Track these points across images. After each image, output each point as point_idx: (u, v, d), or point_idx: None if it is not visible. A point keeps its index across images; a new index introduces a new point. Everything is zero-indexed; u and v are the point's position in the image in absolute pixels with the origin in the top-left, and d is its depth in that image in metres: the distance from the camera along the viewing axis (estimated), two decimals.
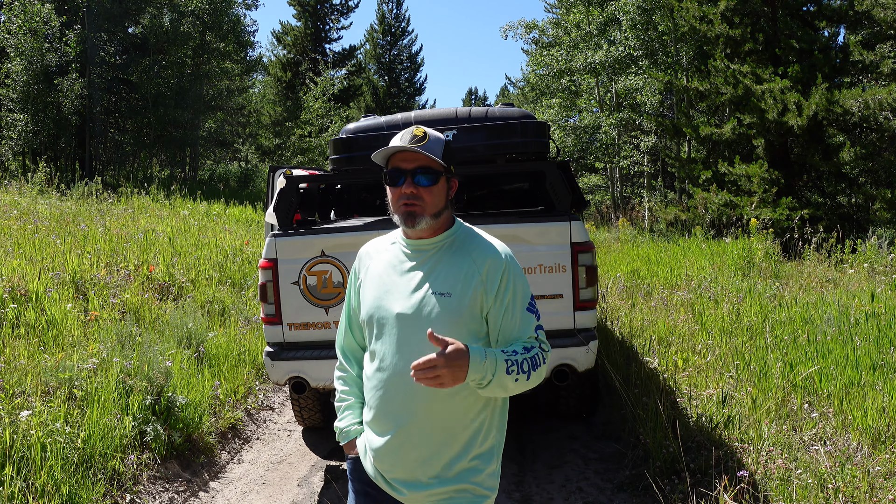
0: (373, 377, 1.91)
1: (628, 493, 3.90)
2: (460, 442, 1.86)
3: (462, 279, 1.85)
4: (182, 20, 23.99)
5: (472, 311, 1.85)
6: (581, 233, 3.96)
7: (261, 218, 14.49)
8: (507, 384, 1.76)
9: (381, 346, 1.89)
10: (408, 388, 1.81)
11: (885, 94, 12.46)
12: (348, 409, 2.04)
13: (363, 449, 1.97)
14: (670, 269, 9.49)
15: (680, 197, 21.06)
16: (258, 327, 6.80)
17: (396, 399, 1.85)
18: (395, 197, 1.89)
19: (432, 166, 1.85)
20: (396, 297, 1.88)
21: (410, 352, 1.80)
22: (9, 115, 18.84)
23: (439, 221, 1.90)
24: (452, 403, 1.84)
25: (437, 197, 1.87)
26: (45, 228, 8.06)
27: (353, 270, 2.07)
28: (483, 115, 4.61)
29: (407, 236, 1.94)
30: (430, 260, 1.89)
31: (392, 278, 1.92)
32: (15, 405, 3.72)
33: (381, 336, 1.89)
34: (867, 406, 4.07)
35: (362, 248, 2.09)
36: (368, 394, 1.94)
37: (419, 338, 1.79)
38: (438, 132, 1.92)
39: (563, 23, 25.19)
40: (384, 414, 1.88)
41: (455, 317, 1.82)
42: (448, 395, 1.82)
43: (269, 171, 5.51)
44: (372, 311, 1.92)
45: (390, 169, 1.90)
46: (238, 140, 35.75)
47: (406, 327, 1.84)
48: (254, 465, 4.69)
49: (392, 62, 43.86)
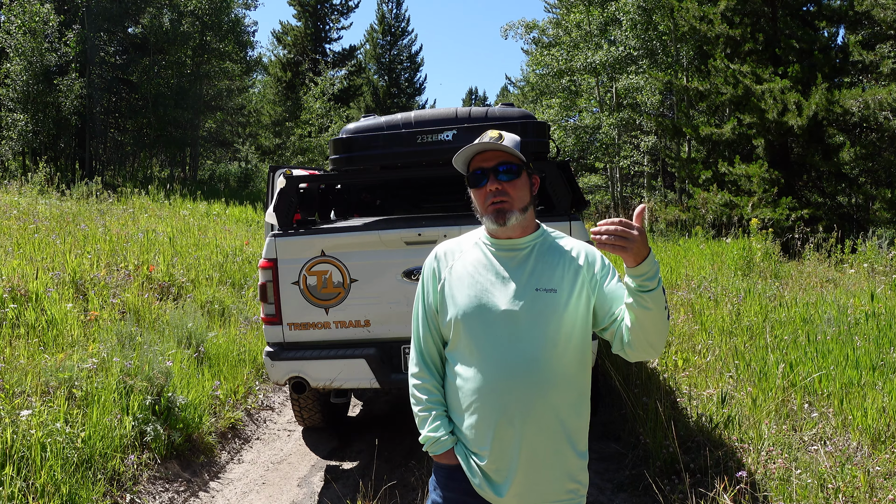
0: (474, 379, 1.87)
1: (628, 493, 3.90)
2: (572, 436, 1.90)
3: (566, 274, 1.86)
4: (182, 20, 24.00)
5: (579, 305, 1.86)
6: (581, 233, 3.96)
7: (261, 218, 14.49)
8: (663, 300, 1.71)
9: (484, 347, 1.86)
10: (523, 383, 1.82)
11: (885, 94, 12.47)
12: (438, 419, 1.97)
13: (464, 456, 1.93)
14: (670, 269, 9.49)
15: (680, 197, 21.06)
16: (258, 327, 6.80)
17: (509, 395, 1.83)
18: (481, 198, 1.89)
19: (512, 161, 1.86)
20: (500, 295, 1.86)
21: (521, 349, 1.82)
22: (9, 115, 18.84)
23: (527, 218, 1.91)
24: (566, 394, 1.86)
25: (522, 191, 1.88)
26: (45, 228, 8.07)
27: (432, 271, 2.01)
28: (483, 115, 4.61)
29: (496, 236, 1.93)
30: (527, 259, 1.89)
31: (488, 277, 1.90)
32: (15, 405, 3.72)
33: (483, 334, 1.86)
34: (867, 406, 4.07)
35: (438, 248, 2.04)
36: (468, 397, 1.89)
37: (528, 335, 1.82)
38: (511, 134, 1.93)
39: (564, 23, 25.20)
40: (493, 417, 1.84)
41: (563, 311, 1.83)
42: (561, 385, 1.84)
43: (269, 171, 5.51)
44: (468, 310, 1.88)
45: (472, 171, 1.91)
46: (238, 140, 35.75)
47: (513, 324, 1.83)
48: (254, 465, 4.69)
49: (392, 62, 43.87)
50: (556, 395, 1.84)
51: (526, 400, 1.82)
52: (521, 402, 1.82)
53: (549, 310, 1.83)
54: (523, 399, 1.82)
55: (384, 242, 3.98)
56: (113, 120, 25.06)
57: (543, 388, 1.82)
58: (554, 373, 1.83)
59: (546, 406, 1.83)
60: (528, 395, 1.82)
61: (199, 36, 24.92)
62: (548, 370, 1.83)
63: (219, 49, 26.00)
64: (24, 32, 18.46)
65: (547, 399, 1.83)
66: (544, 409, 1.83)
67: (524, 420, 1.82)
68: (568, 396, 1.87)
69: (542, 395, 1.83)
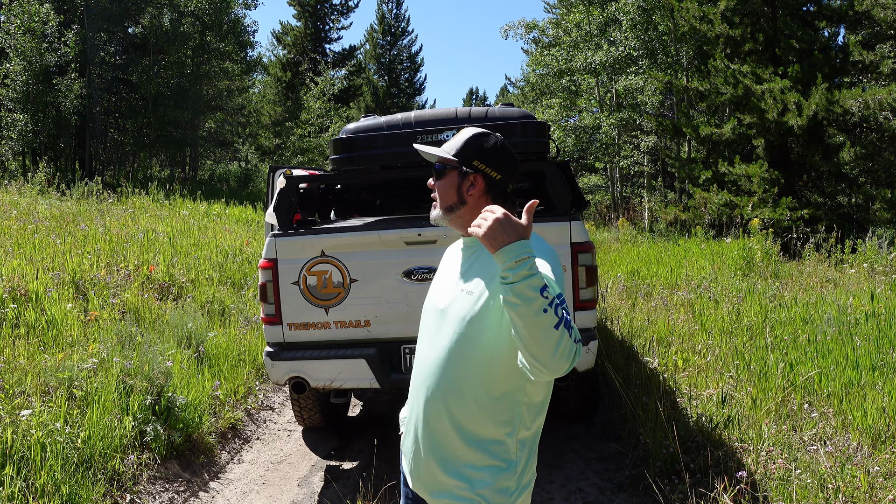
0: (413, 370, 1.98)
1: (628, 493, 3.90)
2: (471, 452, 1.77)
3: (487, 278, 1.77)
4: (182, 20, 23.98)
5: (487, 312, 1.73)
6: (581, 233, 3.96)
7: (261, 218, 14.49)
8: (532, 301, 1.50)
9: (419, 339, 1.94)
10: (424, 388, 1.84)
11: (885, 94, 12.46)
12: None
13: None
14: (670, 269, 9.50)
15: (680, 197, 21.06)
16: (258, 327, 6.80)
17: (416, 397, 1.89)
18: None
19: (442, 161, 1.90)
20: (441, 292, 1.91)
21: (428, 351, 1.85)
22: (8, 115, 18.84)
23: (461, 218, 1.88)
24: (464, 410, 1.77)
25: (447, 190, 1.89)
26: (45, 228, 8.07)
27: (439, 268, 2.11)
28: (483, 115, 4.61)
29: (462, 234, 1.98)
30: (470, 258, 1.89)
31: (444, 273, 1.96)
32: (15, 405, 3.72)
33: (421, 329, 1.94)
34: (867, 406, 4.07)
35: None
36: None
37: (438, 337, 1.82)
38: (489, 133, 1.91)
39: (564, 23, 25.21)
40: (410, 409, 1.93)
41: (470, 316, 1.75)
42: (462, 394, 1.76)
43: (269, 171, 5.51)
44: (425, 304, 1.97)
45: None
46: (238, 140, 35.74)
47: (434, 325, 1.86)
48: (254, 465, 4.69)
49: (392, 62, 43.86)
50: (454, 402, 1.78)
51: (427, 400, 1.84)
52: (424, 401, 1.85)
53: (461, 311, 1.78)
54: (425, 399, 1.84)
55: (384, 242, 3.98)
56: (113, 120, 25.04)
57: (440, 392, 1.80)
58: (451, 379, 1.77)
59: (440, 411, 1.80)
60: (429, 396, 1.83)
61: (199, 36, 24.90)
62: (447, 374, 1.78)
63: (219, 49, 25.98)
64: (23, 32, 18.45)
65: (442, 404, 1.80)
66: (439, 413, 1.80)
67: (423, 420, 1.84)
68: (470, 408, 1.76)
69: (438, 399, 1.81)
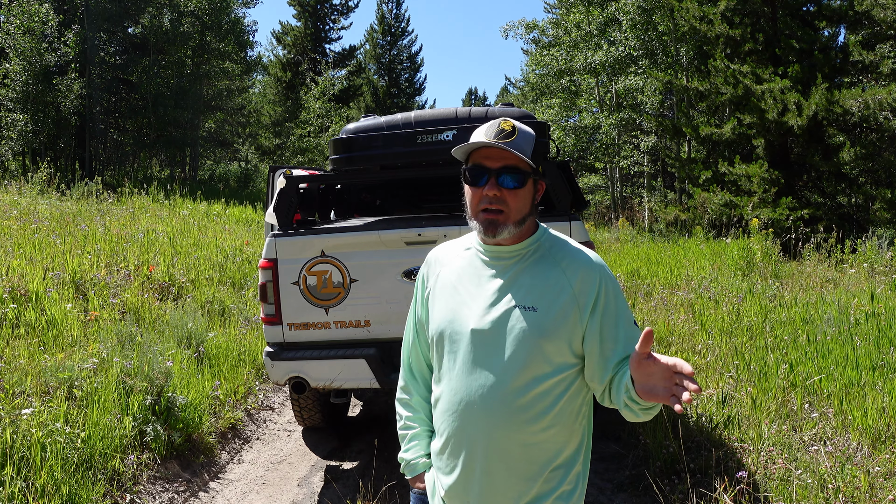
0: (443, 401, 1.70)
1: (628, 493, 3.90)
2: (545, 477, 1.64)
3: (550, 292, 1.62)
4: (182, 20, 24.00)
5: (560, 329, 1.61)
6: (581, 233, 3.96)
7: (261, 218, 14.49)
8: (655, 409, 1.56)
9: (454, 366, 1.67)
10: (485, 415, 1.61)
11: (885, 94, 12.47)
12: (414, 440, 1.83)
13: (431, 484, 1.78)
14: (670, 270, 9.50)
15: (680, 197, 21.07)
16: (258, 327, 6.80)
17: (471, 427, 1.63)
18: (475, 199, 1.64)
19: (520, 166, 1.62)
20: (472, 311, 1.66)
21: (485, 374, 1.61)
22: (8, 115, 18.84)
23: (523, 229, 1.67)
24: (537, 433, 1.63)
25: (523, 201, 1.64)
26: (45, 228, 8.06)
27: (421, 277, 1.85)
28: (483, 115, 4.61)
29: (485, 241, 1.71)
30: (512, 269, 1.67)
31: (467, 289, 1.70)
32: (15, 405, 3.72)
33: (453, 354, 1.67)
34: (867, 406, 4.07)
35: (432, 252, 1.86)
36: (438, 420, 1.72)
37: (496, 358, 1.61)
38: (527, 127, 1.67)
39: (563, 23, 25.22)
40: (458, 444, 1.66)
41: (542, 335, 1.59)
42: (531, 424, 1.62)
43: (269, 171, 5.51)
44: (443, 326, 1.70)
45: (471, 165, 1.64)
46: (238, 140, 35.74)
47: (482, 345, 1.63)
48: (254, 465, 4.69)
49: (392, 62, 43.86)
50: (528, 427, 1.61)
51: (488, 432, 1.61)
52: (483, 434, 1.62)
53: (526, 330, 1.60)
54: (485, 431, 1.62)
55: (384, 242, 3.98)
56: (113, 120, 25.06)
57: (508, 422, 1.60)
58: (522, 402, 1.60)
59: (510, 442, 1.61)
60: (491, 428, 1.61)
61: (199, 36, 24.92)
62: (514, 398, 1.60)
63: (219, 49, 26.00)
64: (23, 32, 18.45)
65: (511, 434, 1.61)
66: (508, 445, 1.61)
67: (489, 454, 1.62)
68: (543, 433, 1.62)
69: (507, 430, 1.61)
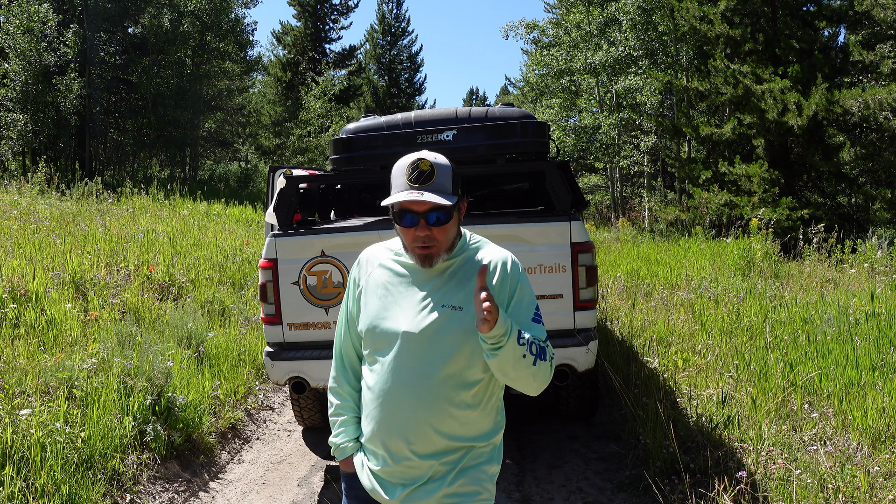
0: (374, 389, 1.90)
1: (628, 493, 3.90)
2: (463, 452, 1.88)
3: (467, 291, 1.84)
4: (181, 20, 23.98)
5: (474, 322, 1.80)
6: (581, 233, 3.96)
7: (261, 218, 14.49)
8: (517, 356, 1.73)
9: (385, 360, 1.87)
10: (412, 402, 1.83)
11: (885, 94, 12.47)
12: (344, 425, 2.02)
13: (360, 464, 1.98)
14: (670, 269, 9.50)
15: (680, 197, 21.06)
16: (258, 327, 6.80)
17: (402, 413, 1.84)
18: (408, 237, 1.84)
19: (444, 208, 1.80)
20: (403, 312, 1.86)
21: (417, 367, 1.82)
22: (8, 115, 18.83)
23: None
24: (459, 417, 1.86)
25: (452, 230, 1.85)
26: (45, 228, 8.06)
27: (353, 276, 2.02)
28: (483, 115, 4.61)
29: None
30: (442, 274, 1.88)
31: (398, 289, 1.89)
32: (15, 405, 3.72)
33: (384, 349, 1.87)
34: (867, 406, 4.07)
35: (363, 253, 2.03)
36: (369, 406, 1.92)
37: (426, 354, 1.82)
38: (443, 157, 1.85)
39: (563, 23, 25.21)
40: (388, 428, 1.86)
41: (467, 332, 1.81)
42: (455, 409, 1.84)
43: (269, 171, 5.51)
44: (375, 323, 1.89)
45: (399, 210, 1.81)
46: (238, 140, 35.74)
47: (412, 341, 1.83)
48: (254, 465, 4.69)
49: (392, 62, 43.86)
50: (452, 411, 1.84)
51: (417, 417, 1.83)
52: (413, 419, 1.83)
53: (453, 328, 1.81)
54: (414, 416, 1.83)
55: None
56: (113, 120, 25.05)
57: (433, 406, 1.83)
58: (449, 388, 1.83)
59: (434, 423, 1.84)
60: (420, 414, 1.83)
61: (199, 36, 24.90)
62: (442, 386, 1.82)
63: (219, 49, 25.98)
64: (22, 32, 18.44)
65: (441, 420, 1.83)
66: (432, 426, 1.84)
67: (417, 437, 1.84)
68: (466, 415, 1.86)
69: (436, 415, 1.83)
